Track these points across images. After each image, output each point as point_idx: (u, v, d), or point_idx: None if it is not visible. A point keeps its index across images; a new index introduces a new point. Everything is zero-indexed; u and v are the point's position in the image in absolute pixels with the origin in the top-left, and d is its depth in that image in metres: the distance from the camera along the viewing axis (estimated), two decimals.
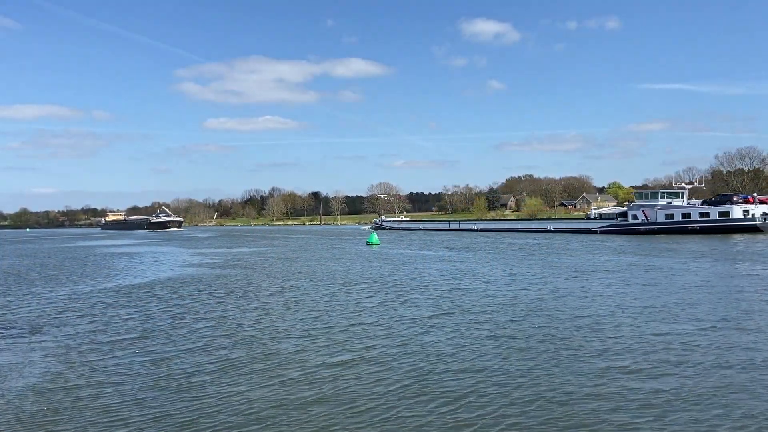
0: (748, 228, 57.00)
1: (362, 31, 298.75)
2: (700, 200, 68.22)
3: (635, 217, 64.57)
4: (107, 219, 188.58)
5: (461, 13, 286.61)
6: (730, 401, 8.52)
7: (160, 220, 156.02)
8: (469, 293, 19.66)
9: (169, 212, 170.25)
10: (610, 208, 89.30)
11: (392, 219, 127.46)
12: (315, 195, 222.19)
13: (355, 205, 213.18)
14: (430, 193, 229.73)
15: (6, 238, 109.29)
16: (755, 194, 64.96)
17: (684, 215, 60.95)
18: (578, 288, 20.29)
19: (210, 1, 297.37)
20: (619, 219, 69.44)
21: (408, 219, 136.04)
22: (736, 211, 58.27)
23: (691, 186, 73.48)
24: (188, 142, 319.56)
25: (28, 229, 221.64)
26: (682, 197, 65.70)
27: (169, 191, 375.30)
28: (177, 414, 8.48)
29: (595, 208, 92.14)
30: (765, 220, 57.81)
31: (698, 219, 59.84)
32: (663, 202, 63.74)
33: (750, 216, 58.07)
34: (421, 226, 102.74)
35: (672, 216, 61.45)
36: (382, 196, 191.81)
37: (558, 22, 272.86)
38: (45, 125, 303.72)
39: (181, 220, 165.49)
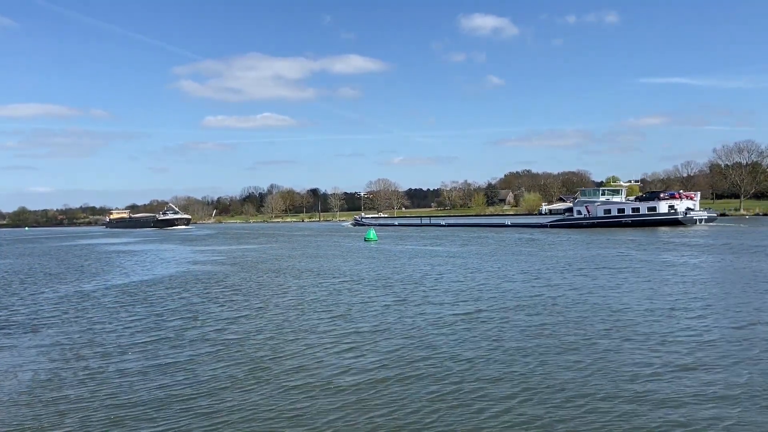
0: (672, 221, 64.02)
1: (360, 27, 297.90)
2: (634, 196, 77.17)
3: (579, 212, 71.70)
4: (111, 217, 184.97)
5: (459, 8, 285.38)
6: None
7: (167, 217, 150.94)
8: (472, 288, 19.18)
9: (177, 209, 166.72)
10: (560, 204, 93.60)
11: (370, 216, 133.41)
12: (314, 192, 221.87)
13: (354, 202, 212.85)
14: (428, 189, 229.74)
15: (5, 238, 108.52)
16: (681, 191, 73.41)
17: (619, 210, 68.42)
18: (588, 281, 19.85)
19: None
20: (566, 214, 75.49)
21: (386, 216, 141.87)
22: (662, 207, 65.71)
23: (628, 184, 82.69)
24: (186, 140, 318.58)
25: (26, 228, 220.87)
26: (621, 194, 73.12)
27: (168, 189, 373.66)
28: (188, 427, 7.88)
29: (545, 205, 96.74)
30: (686, 214, 64.65)
31: (630, 214, 67.18)
32: (603, 198, 71.07)
33: (674, 211, 65.40)
34: (396, 222, 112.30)
35: (610, 211, 68.79)
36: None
37: (557, 17, 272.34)
38: (43, 124, 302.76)
39: (189, 217, 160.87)
